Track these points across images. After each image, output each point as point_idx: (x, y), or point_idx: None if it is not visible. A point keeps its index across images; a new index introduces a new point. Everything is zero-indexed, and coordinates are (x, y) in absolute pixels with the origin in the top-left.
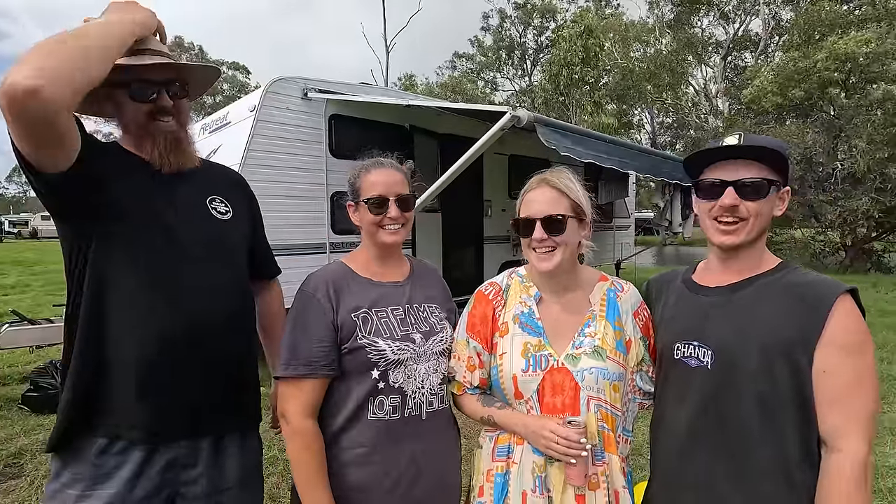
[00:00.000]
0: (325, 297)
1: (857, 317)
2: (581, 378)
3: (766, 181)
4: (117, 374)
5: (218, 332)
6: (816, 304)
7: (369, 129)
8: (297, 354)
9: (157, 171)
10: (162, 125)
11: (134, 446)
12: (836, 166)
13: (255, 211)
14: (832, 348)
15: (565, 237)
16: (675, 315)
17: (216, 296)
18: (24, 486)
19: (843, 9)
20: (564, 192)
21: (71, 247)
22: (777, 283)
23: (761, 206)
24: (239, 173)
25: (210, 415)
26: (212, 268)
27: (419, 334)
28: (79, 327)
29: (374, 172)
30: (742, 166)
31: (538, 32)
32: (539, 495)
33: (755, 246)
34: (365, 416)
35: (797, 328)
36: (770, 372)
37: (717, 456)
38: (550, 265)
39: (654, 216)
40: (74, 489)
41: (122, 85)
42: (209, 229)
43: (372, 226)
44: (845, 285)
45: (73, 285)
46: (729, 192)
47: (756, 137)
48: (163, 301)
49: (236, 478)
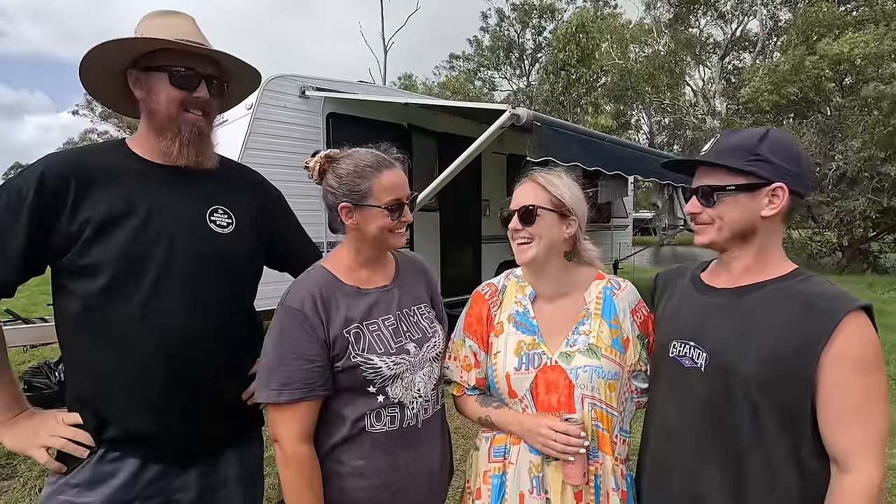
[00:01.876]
0: (313, 313)
1: (870, 334)
2: (575, 376)
3: (715, 188)
4: (105, 396)
5: (207, 348)
6: (825, 315)
7: (367, 127)
8: (291, 378)
9: (159, 178)
10: (190, 117)
11: (130, 456)
12: (832, 167)
13: (270, 211)
14: (841, 365)
15: (538, 229)
16: (676, 312)
17: (205, 313)
18: (17, 487)
19: (840, 10)
20: (544, 187)
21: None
22: (787, 290)
23: (719, 210)
24: (256, 172)
25: (204, 435)
26: (201, 284)
27: (413, 343)
28: (63, 349)
29: (387, 174)
30: (706, 173)
31: (537, 32)
32: (536, 496)
33: (749, 247)
34: (363, 429)
35: (800, 337)
36: (765, 380)
37: (704, 457)
38: (526, 256)
39: (654, 215)
40: (68, 494)
41: (162, 69)
42: (204, 247)
43: (384, 231)
44: (859, 301)
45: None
46: (691, 200)
47: (730, 138)
48: (144, 321)
49: (236, 475)
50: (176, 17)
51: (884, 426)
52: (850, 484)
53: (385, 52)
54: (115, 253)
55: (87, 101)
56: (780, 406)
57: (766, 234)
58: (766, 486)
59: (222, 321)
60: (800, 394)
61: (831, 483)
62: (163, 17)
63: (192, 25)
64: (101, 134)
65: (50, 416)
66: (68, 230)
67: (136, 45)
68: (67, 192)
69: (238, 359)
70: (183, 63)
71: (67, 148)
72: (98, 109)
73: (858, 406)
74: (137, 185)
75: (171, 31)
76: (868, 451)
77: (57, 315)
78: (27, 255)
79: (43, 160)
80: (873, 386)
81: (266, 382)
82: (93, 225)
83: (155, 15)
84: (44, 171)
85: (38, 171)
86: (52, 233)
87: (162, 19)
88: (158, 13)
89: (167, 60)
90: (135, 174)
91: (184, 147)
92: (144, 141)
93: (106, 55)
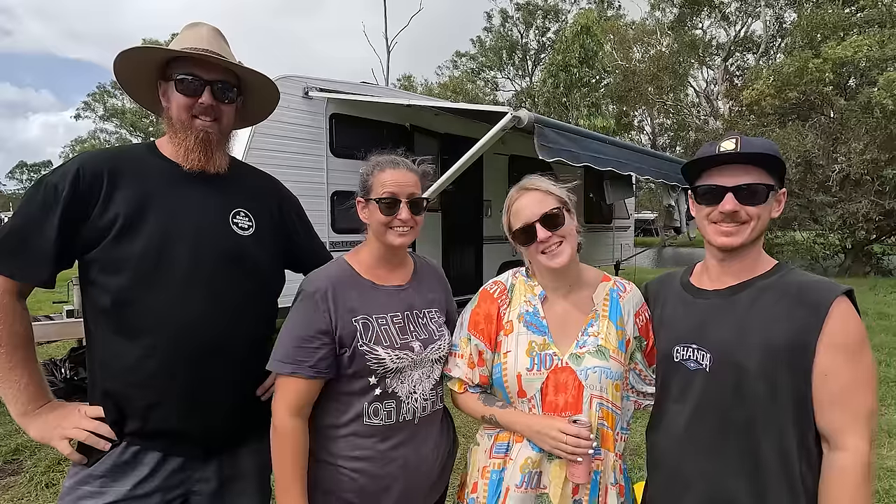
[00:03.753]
0: (323, 299)
1: (855, 318)
2: (585, 377)
3: (765, 186)
4: (129, 391)
5: (228, 346)
6: (815, 306)
7: (370, 128)
8: (288, 352)
9: (185, 179)
10: (199, 123)
11: (151, 449)
12: (835, 169)
13: (288, 215)
14: (832, 350)
15: (565, 229)
16: (673, 318)
17: (226, 311)
18: (24, 483)
19: (845, 11)
20: (548, 191)
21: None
22: (775, 284)
23: (761, 210)
24: (271, 176)
25: (223, 429)
26: (223, 284)
27: (418, 342)
28: (87, 343)
29: (388, 171)
30: (740, 171)
31: (540, 32)
32: (524, 490)
33: (754, 248)
34: (361, 421)
35: (796, 329)
36: (769, 373)
37: (717, 457)
38: (565, 258)
39: (664, 217)
40: (92, 485)
41: (171, 77)
42: (227, 246)
43: (381, 226)
44: (842, 287)
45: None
46: (729, 198)
47: (752, 141)
48: (166, 317)
49: (252, 468)
50: (198, 28)
51: (871, 403)
52: (842, 461)
53: (388, 52)
54: (140, 250)
55: (87, 103)
56: (786, 396)
57: (763, 234)
58: (782, 478)
59: (243, 319)
60: (801, 381)
61: (824, 462)
62: (188, 28)
63: (209, 34)
64: (111, 133)
65: (73, 409)
66: (98, 224)
67: (147, 55)
68: (101, 188)
69: (257, 356)
70: (188, 70)
71: (73, 146)
72: (100, 111)
73: (846, 386)
74: (164, 185)
75: (189, 42)
76: (857, 428)
77: (85, 310)
78: (61, 248)
79: (79, 158)
80: (860, 366)
81: (273, 354)
82: (121, 221)
83: (184, 28)
84: (80, 167)
85: (74, 167)
86: (84, 227)
87: (185, 31)
88: (188, 26)
89: (175, 69)
90: (162, 175)
91: (188, 152)
92: (169, 145)
93: (129, 66)
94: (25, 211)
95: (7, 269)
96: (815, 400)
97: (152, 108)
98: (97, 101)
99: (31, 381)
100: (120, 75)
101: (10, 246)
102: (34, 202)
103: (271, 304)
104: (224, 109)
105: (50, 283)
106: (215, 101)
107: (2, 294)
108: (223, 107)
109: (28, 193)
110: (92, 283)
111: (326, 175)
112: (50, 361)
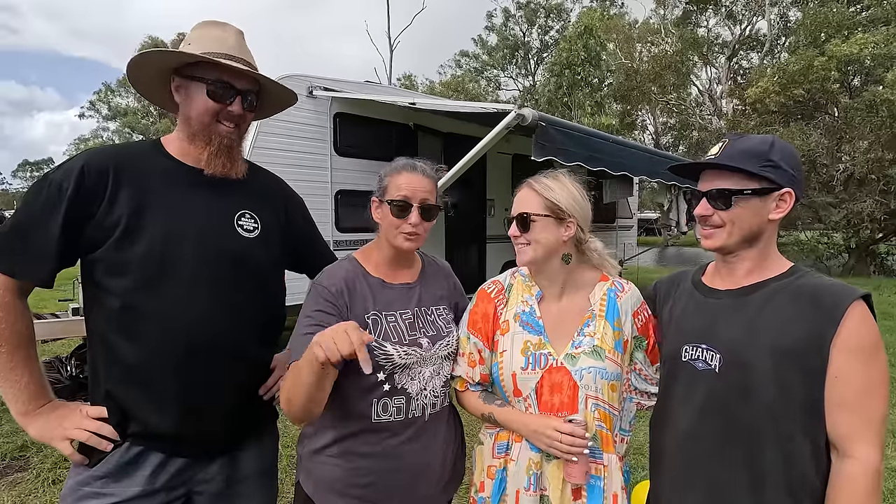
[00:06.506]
0: (334, 295)
1: (871, 323)
2: (580, 377)
3: (731, 191)
4: (131, 392)
5: (231, 347)
6: (831, 308)
7: (374, 127)
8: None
9: (190, 179)
10: (222, 129)
11: (154, 450)
12: (839, 168)
13: (293, 216)
14: (846, 354)
15: (533, 234)
16: (683, 317)
17: (230, 312)
18: (31, 479)
19: (850, 10)
20: (540, 193)
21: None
22: (789, 287)
23: (733, 213)
24: (277, 176)
25: (225, 430)
26: (227, 285)
27: (426, 339)
28: (89, 343)
29: (405, 175)
30: (717, 176)
31: (543, 31)
32: (532, 493)
33: (752, 250)
34: (369, 417)
35: (810, 332)
36: (780, 376)
37: (723, 458)
38: (524, 259)
39: (660, 216)
40: (94, 485)
41: (202, 80)
42: (231, 249)
43: (391, 228)
44: (860, 290)
45: (84, 306)
46: (702, 202)
47: (736, 145)
48: (169, 318)
49: (255, 468)
50: (223, 28)
51: (883, 411)
52: (850, 469)
53: (391, 50)
54: (145, 252)
55: (92, 103)
56: (796, 400)
57: (769, 236)
58: (785, 486)
59: (246, 321)
60: (812, 386)
61: (833, 469)
62: (211, 27)
63: (235, 39)
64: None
65: (75, 409)
66: (104, 224)
67: (179, 58)
68: (106, 187)
69: (260, 358)
70: (222, 76)
71: (77, 144)
72: (103, 111)
73: (859, 392)
74: (170, 185)
75: (215, 44)
76: (868, 436)
77: (86, 310)
78: (64, 247)
79: (83, 154)
80: (874, 372)
81: (289, 344)
82: (126, 221)
83: (204, 25)
84: (84, 164)
85: (79, 164)
86: (88, 225)
87: (209, 29)
88: (208, 23)
89: (207, 72)
90: (168, 174)
91: (212, 157)
92: (179, 143)
93: (150, 62)
94: (28, 208)
95: (7, 267)
96: (826, 404)
97: (160, 102)
98: (102, 100)
99: (32, 380)
100: (133, 70)
101: (11, 243)
102: (37, 200)
103: (274, 307)
104: (247, 116)
105: (49, 283)
106: (244, 110)
107: (3, 292)
108: (247, 114)
109: (31, 190)
110: (95, 283)
111: (330, 174)
112: (56, 359)
